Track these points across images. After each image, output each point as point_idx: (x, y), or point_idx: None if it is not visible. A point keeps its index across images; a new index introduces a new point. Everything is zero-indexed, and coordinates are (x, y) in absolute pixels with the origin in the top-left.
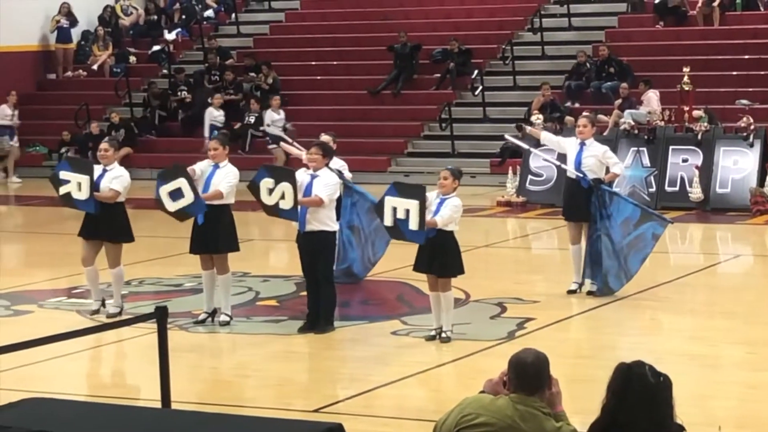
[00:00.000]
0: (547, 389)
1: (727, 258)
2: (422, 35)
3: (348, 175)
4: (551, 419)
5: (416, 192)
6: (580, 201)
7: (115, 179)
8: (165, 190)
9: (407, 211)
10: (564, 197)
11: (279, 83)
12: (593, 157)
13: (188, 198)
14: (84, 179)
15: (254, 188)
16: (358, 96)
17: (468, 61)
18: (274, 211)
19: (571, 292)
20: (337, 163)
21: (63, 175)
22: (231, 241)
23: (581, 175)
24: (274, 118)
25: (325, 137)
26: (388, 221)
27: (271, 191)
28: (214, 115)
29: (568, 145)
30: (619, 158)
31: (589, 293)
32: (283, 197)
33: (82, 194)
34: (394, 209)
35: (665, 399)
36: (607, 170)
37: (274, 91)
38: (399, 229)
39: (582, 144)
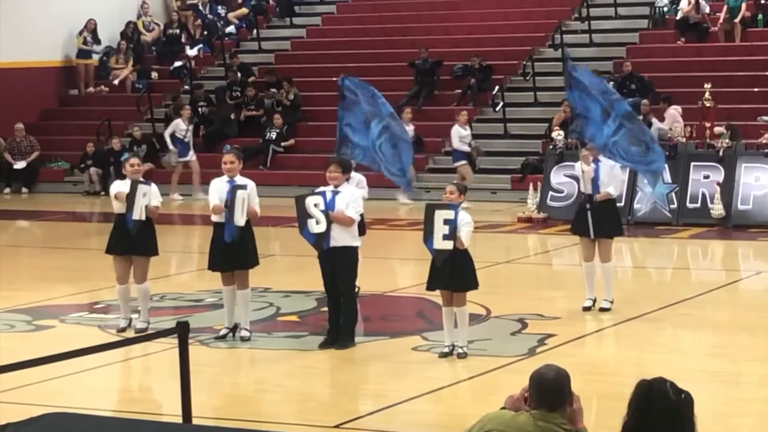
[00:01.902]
0: (569, 406)
1: (748, 274)
2: (443, 51)
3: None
4: None
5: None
6: (593, 217)
7: (152, 194)
8: (311, 201)
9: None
10: (576, 212)
11: (300, 99)
12: (607, 172)
13: (322, 226)
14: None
15: (301, 200)
16: None
17: (489, 77)
18: (301, 224)
19: (586, 309)
20: (355, 177)
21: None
22: (255, 256)
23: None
24: (461, 134)
25: None
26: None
27: (316, 205)
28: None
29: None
30: (640, 174)
31: (602, 310)
32: (318, 223)
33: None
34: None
35: (687, 416)
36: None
37: (296, 108)
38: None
39: (597, 161)
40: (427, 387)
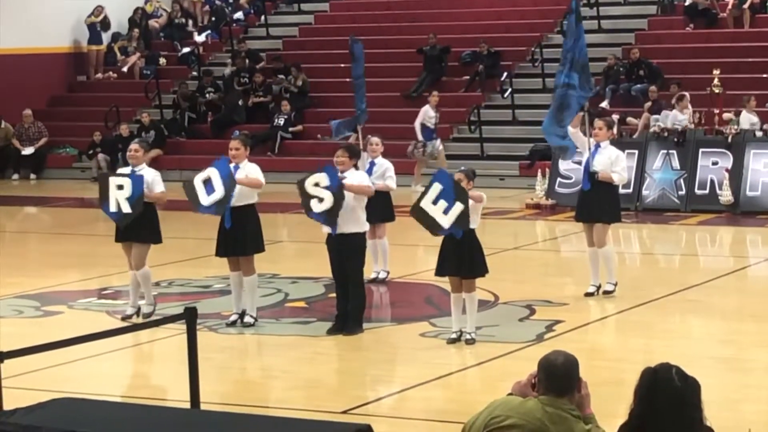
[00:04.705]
0: (577, 392)
1: (757, 261)
2: (451, 38)
3: (390, 183)
4: (580, 422)
5: (463, 195)
6: (591, 202)
7: (155, 180)
8: (199, 178)
9: (448, 209)
10: (578, 198)
11: (308, 85)
12: (606, 159)
13: (219, 192)
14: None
15: (301, 183)
16: (388, 98)
17: (497, 63)
18: (306, 207)
19: (588, 294)
20: (383, 165)
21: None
22: (257, 242)
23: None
24: None
25: (373, 139)
26: (426, 203)
27: (317, 184)
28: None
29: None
30: (649, 161)
31: (605, 293)
32: (321, 201)
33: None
34: (436, 201)
35: (693, 402)
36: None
37: (304, 94)
38: (435, 222)
39: (597, 146)
40: (434, 373)
